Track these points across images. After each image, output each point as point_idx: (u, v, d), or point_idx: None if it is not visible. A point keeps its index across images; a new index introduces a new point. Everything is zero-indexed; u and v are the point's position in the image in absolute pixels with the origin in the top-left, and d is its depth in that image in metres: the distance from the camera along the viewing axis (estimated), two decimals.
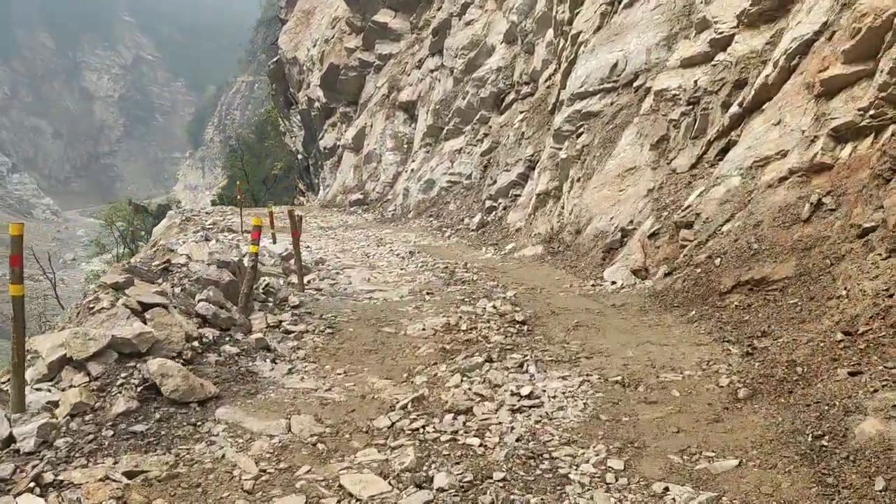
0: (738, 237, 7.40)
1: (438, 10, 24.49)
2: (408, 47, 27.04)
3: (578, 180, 12.83)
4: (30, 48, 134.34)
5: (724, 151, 9.58)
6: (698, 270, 7.61)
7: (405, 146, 24.30)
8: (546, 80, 17.97)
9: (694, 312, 7.02)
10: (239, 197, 19.05)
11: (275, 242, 14.78)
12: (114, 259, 43.79)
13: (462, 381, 5.66)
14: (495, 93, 19.58)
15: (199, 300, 7.13)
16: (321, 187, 33.69)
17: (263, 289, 8.96)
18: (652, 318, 7.29)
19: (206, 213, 24.93)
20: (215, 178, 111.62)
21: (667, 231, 9.08)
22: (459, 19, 22.75)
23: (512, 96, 19.09)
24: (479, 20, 21.69)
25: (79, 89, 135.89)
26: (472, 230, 16.74)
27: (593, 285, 9.55)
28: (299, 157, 42.38)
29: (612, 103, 13.27)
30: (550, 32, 17.92)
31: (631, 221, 10.57)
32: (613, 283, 9.37)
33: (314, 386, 5.88)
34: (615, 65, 13.47)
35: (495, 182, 17.53)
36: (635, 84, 12.81)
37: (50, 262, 58.49)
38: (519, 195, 16.54)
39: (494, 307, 8.09)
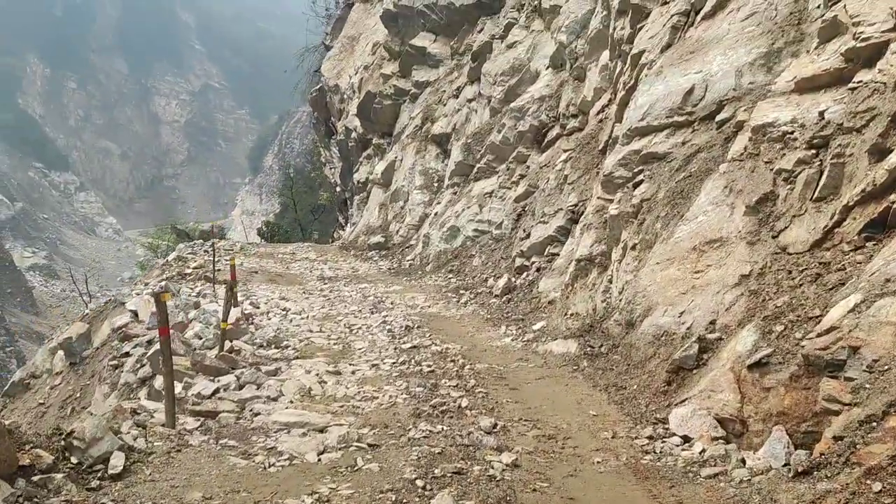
0: None
1: (480, 31, 20.88)
2: (446, 74, 23.48)
3: (634, 248, 8.91)
4: (105, 74, 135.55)
5: (880, 225, 5.64)
6: (875, 487, 3.67)
7: (436, 185, 20.63)
8: (598, 113, 14.13)
9: None
10: (217, 240, 15.49)
11: (235, 305, 11.15)
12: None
13: None
14: (536, 126, 15.79)
15: None
16: (348, 224, 30.24)
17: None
18: None
19: (225, 249, 21.57)
20: (271, 205, 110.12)
21: (786, 363, 5.14)
22: (501, 42, 19.09)
23: (556, 131, 15.29)
24: (522, 42, 18.00)
25: (148, 114, 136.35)
26: (496, 295, 12.89)
27: (650, 438, 5.64)
28: (337, 189, 39.15)
29: (684, 143, 9.36)
30: (606, 55, 14.11)
31: (712, 324, 6.63)
32: (685, 441, 5.46)
33: None
34: (690, 91, 9.58)
35: (528, 235, 13.70)
36: (720, 117, 8.89)
37: (86, 282, 56.51)
38: (556, 255, 12.67)
39: None
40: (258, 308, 12.14)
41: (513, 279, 13.25)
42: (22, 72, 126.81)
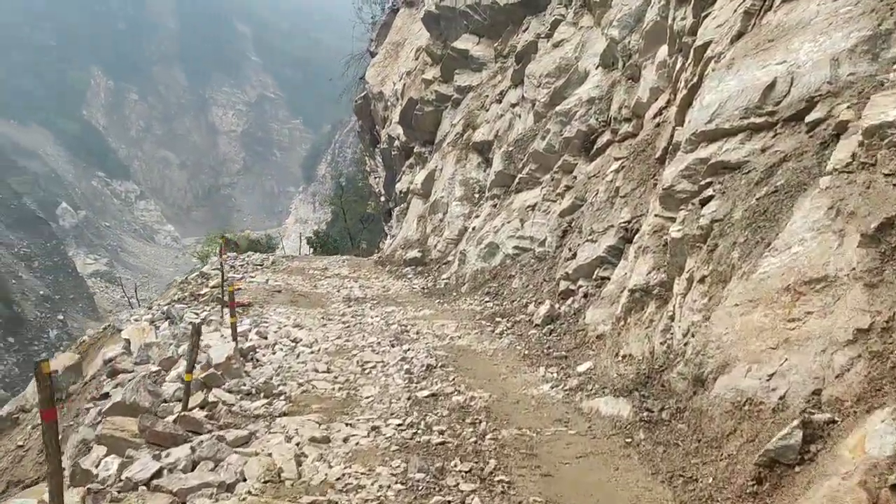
0: None
1: (525, 31, 19.12)
2: (489, 78, 21.75)
3: (702, 281, 7.05)
4: (165, 85, 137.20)
5: None
6: None
7: (476, 196, 18.90)
8: (655, 116, 12.24)
9: None
10: (223, 255, 13.95)
11: (234, 339, 9.60)
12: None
13: None
14: (584, 132, 13.93)
15: None
16: (388, 237, 28.70)
17: None
18: None
19: (253, 264, 20.21)
20: (324, 214, 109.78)
21: None
22: (547, 41, 17.30)
23: (606, 137, 13.42)
24: (570, 40, 16.18)
25: (206, 124, 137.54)
26: (537, 325, 11.10)
27: None
28: (382, 199, 37.70)
29: (764, 149, 7.47)
30: (664, 50, 12.23)
31: (817, 395, 4.77)
32: None
33: None
34: (771, 86, 7.68)
35: (575, 255, 11.88)
36: (811, 117, 6.98)
37: (136, 289, 56.10)
38: (606, 280, 10.84)
39: None
40: (265, 338, 10.59)
41: (556, 306, 11.45)
42: (86, 84, 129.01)
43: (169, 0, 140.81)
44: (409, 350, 9.93)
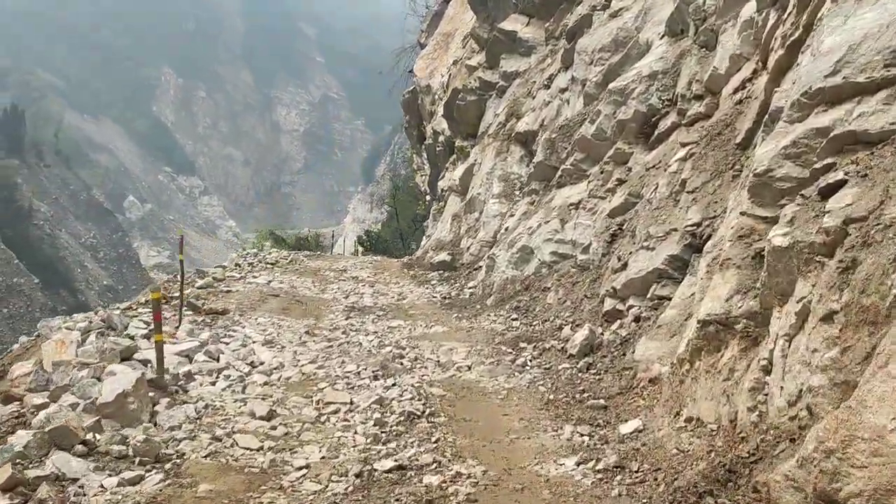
0: None
1: (579, 4, 16.24)
2: (538, 63, 18.92)
3: (830, 319, 4.17)
4: (232, 84, 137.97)
5: None
6: None
7: (517, 193, 16.09)
8: (735, 91, 9.27)
9: None
10: (181, 256, 11.44)
11: (159, 362, 7.04)
12: None
13: None
14: (643, 114, 11.00)
15: None
16: (424, 237, 26.07)
17: None
18: None
19: (265, 262, 17.84)
20: (381, 213, 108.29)
21: None
22: (604, 12, 14.42)
23: (671, 119, 10.47)
24: (630, 7, 13.27)
25: (270, 122, 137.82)
26: (571, 355, 8.28)
27: None
28: (427, 198, 35.12)
29: None
30: (750, 6, 9.27)
31: None
32: None
33: None
34: None
35: (625, 266, 9.03)
36: None
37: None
38: (665, 300, 7.99)
39: None
40: (216, 360, 8.04)
41: (598, 331, 8.62)
42: (157, 82, 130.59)
43: (236, 1, 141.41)
44: (393, 386, 7.25)
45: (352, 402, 6.74)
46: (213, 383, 7.20)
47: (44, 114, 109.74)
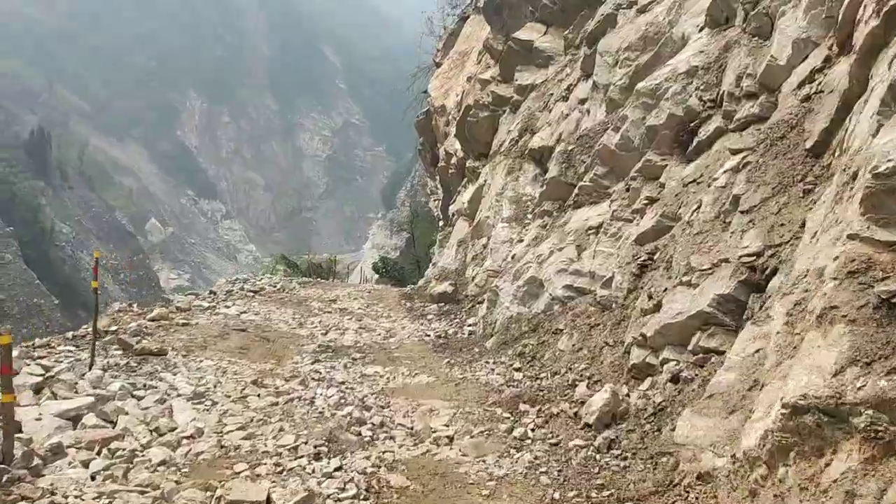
0: None
1: (602, 3, 14.22)
2: (555, 73, 16.88)
3: None
4: (255, 109, 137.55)
5: None
6: None
7: (530, 217, 13.97)
8: (801, 85, 7.15)
9: None
10: (94, 283, 9.26)
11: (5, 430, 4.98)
12: None
13: None
14: (680, 118, 8.88)
15: None
16: (430, 265, 23.95)
17: None
18: None
19: (248, 290, 15.81)
20: (400, 240, 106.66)
21: None
22: (631, 9, 12.38)
23: (715, 124, 8.34)
24: (662, 0, 11.22)
25: (292, 148, 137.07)
26: (586, 425, 6.14)
27: None
28: (440, 223, 33.11)
29: None
30: None
31: None
32: None
33: None
34: None
35: (658, 307, 6.88)
36: None
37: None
38: (714, 355, 5.85)
39: None
40: (111, 425, 5.97)
41: (622, 392, 6.46)
42: (182, 105, 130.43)
43: (262, 26, 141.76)
44: (336, 472, 5.14)
45: (268, 502, 4.62)
46: (86, 464, 5.12)
47: (70, 136, 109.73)
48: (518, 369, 8.31)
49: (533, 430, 6.34)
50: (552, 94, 16.27)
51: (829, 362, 3.55)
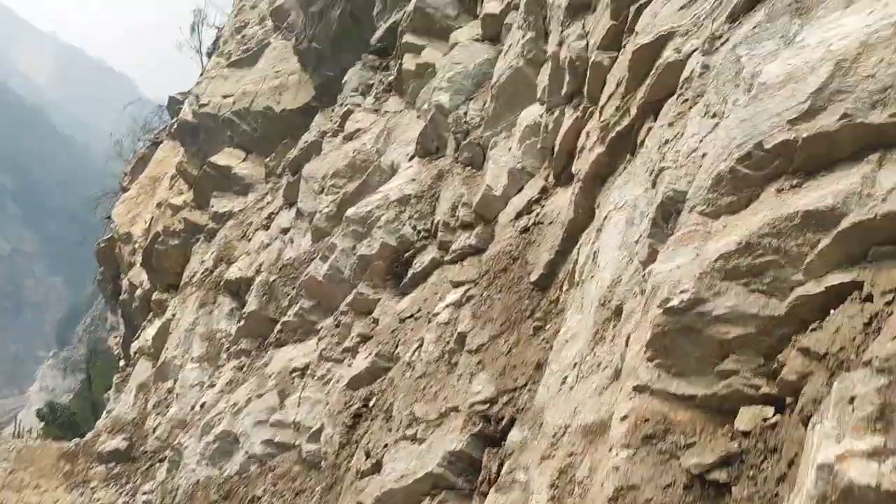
0: None
1: (306, 131, 13.54)
2: (256, 201, 15.72)
3: None
4: None
5: None
6: None
7: (224, 357, 12.18)
8: (517, 217, 6.72)
9: None
10: None
11: None
12: None
13: None
14: (394, 248, 8.11)
15: None
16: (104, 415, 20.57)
17: None
18: None
19: None
20: (75, 381, 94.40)
21: None
22: (336, 136, 11.78)
23: (431, 254, 7.66)
24: (369, 129, 10.74)
25: None
26: None
27: None
28: (121, 363, 29.18)
29: None
30: (533, 111, 7.02)
31: None
32: None
33: None
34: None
35: (378, 467, 5.67)
36: None
37: None
38: None
39: None
40: None
41: None
42: None
43: None
44: None
45: None
46: None
47: None
48: None
49: None
50: (251, 223, 15.01)
51: None
